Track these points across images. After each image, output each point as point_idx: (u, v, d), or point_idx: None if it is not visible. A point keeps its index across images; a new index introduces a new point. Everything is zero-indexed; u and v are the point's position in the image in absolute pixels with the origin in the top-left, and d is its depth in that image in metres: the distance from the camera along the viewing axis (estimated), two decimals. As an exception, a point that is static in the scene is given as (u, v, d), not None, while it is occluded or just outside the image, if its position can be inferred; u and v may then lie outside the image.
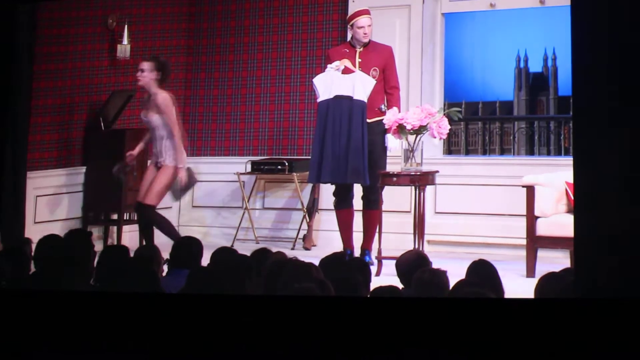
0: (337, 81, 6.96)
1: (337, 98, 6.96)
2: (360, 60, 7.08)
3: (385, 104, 7.03)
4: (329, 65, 7.04)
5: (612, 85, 3.38)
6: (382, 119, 6.84)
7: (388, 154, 7.05)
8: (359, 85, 6.93)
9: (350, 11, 7.56)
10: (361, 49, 7.11)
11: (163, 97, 7.04)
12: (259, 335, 2.99)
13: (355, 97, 6.93)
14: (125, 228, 7.86)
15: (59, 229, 7.30)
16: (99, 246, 6.88)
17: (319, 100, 7.05)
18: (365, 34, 7.07)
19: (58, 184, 7.74)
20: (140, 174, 7.88)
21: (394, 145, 6.90)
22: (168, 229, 7.03)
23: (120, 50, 8.12)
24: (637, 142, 3.31)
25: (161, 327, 3.07)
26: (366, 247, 7.08)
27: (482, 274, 4.31)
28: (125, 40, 8.13)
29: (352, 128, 6.91)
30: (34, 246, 5.33)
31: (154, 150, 7.18)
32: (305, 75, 8.29)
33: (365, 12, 7.15)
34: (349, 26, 7.22)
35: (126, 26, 8.13)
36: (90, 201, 7.85)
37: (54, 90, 7.72)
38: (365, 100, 6.93)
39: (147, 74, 7.05)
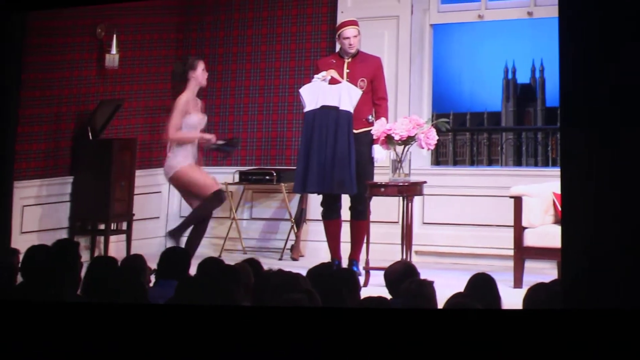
0: (323, 91, 6.97)
1: (324, 108, 6.97)
2: (348, 70, 7.09)
3: (373, 115, 7.05)
4: (315, 76, 7.06)
5: (600, 96, 3.40)
6: (370, 130, 6.86)
7: (375, 164, 7.06)
8: (346, 96, 6.95)
9: (339, 22, 7.57)
10: (349, 60, 7.12)
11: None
12: (247, 346, 2.98)
13: (341, 108, 6.94)
14: (113, 238, 7.83)
15: (46, 239, 7.27)
16: (85, 256, 6.86)
17: (305, 110, 7.06)
18: (350, 44, 7.09)
19: (45, 194, 7.71)
20: (127, 184, 7.87)
21: (380, 156, 6.92)
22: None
23: (109, 60, 8.11)
24: (625, 153, 3.33)
25: (148, 338, 3.05)
26: (354, 258, 7.08)
27: (482, 287, 4.31)
28: (113, 50, 8.12)
29: (338, 138, 6.92)
30: (21, 257, 5.31)
31: (194, 155, 7.42)
32: (294, 86, 8.29)
33: (352, 23, 7.17)
34: (336, 37, 7.24)
35: (115, 36, 8.12)
36: (77, 211, 7.81)
37: (41, 99, 7.70)
38: (352, 111, 6.95)
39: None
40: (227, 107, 8.72)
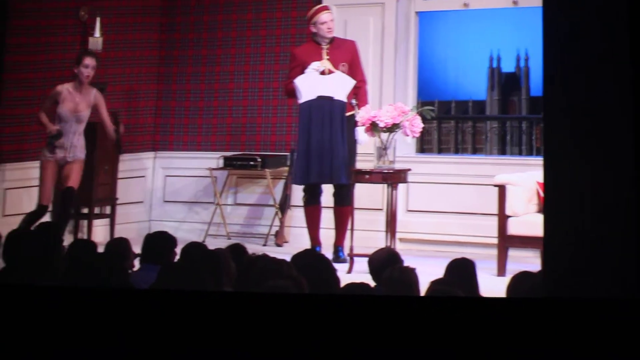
0: (318, 82, 7.00)
1: (320, 99, 7.00)
2: (328, 57, 7.09)
3: (356, 99, 7.06)
4: (309, 67, 7.04)
5: (583, 86, 3.40)
6: (353, 114, 6.88)
7: (359, 150, 7.09)
8: (340, 86, 6.99)
9: (313, 9, 7.46)
10: (327, 46, 7.12)
11: (99, 93, 7.22)
12: (231, 332, 2.98)
13: (335, 98, 6.98)
14: (96, 222, 7.82)
15: (28, 223, 7.22)
16: (69, 240, 6.82)
17: (301, 101, 7.07)
18: (329, 29, 7.10)
19: (27, 177, 7.67)
20: (111, 169, 7.85)
21: (363, 138, 6.92)
22: None
23: (92, 43, 8.05)
24: (607, 143, 3.34)
25: (129, 322, 3.05)
26: (339, 244, 7.09)
27: (460, 272, 4.33)
28: (97, 33, 8.07)
29: (333, 129, 6.97)
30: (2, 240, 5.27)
31: (61, 145, 7.05)
32: (279, 71, 8.27)
33: (326, 8, 7.23)
34: (311, 24, 7.21)
35: (98, 19, 8.06)
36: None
37: (24, 82, 7.65)
38: (345, 100, 6.99)
39: (93, 70, 7.10)
40: (212, 92, 8.69)
